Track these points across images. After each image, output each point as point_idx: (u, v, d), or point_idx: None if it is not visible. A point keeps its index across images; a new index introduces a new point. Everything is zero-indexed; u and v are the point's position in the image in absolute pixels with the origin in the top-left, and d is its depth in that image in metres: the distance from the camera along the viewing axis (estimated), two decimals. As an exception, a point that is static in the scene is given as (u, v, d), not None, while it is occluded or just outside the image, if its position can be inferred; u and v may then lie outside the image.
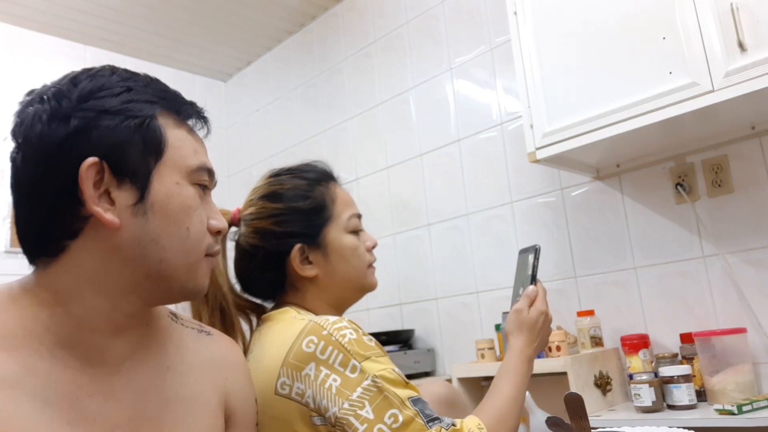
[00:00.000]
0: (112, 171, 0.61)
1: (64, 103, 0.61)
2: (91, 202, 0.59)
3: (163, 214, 0.63)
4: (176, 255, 0.64)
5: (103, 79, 0.64)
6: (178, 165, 0.65)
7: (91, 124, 0.60)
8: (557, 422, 0.95)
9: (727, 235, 1.66)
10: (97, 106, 0.61)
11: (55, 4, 2.79)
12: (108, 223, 0.60)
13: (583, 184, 1.96)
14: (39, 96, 0.64)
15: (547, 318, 1.01)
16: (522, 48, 1.72)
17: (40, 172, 0.60)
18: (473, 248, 2.24)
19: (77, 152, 0.59)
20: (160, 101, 0.66)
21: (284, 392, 0.82)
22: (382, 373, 0.81)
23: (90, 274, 0.61)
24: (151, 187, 0.62)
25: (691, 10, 1.40)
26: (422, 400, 0.82)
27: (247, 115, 3.47)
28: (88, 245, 0.61)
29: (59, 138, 0.59)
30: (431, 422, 0.79)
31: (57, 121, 0.60)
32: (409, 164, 2.51)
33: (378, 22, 2.72)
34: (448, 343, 2.29)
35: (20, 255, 0.64)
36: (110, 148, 0.60)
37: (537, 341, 0.98)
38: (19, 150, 0.62)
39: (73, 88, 0.62)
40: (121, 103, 0.62)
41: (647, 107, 1.45)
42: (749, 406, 1.36)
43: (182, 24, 3.05)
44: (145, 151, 0.63)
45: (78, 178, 0.59)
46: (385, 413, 0.78)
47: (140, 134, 0.62)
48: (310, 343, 0.82)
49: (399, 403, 0.79)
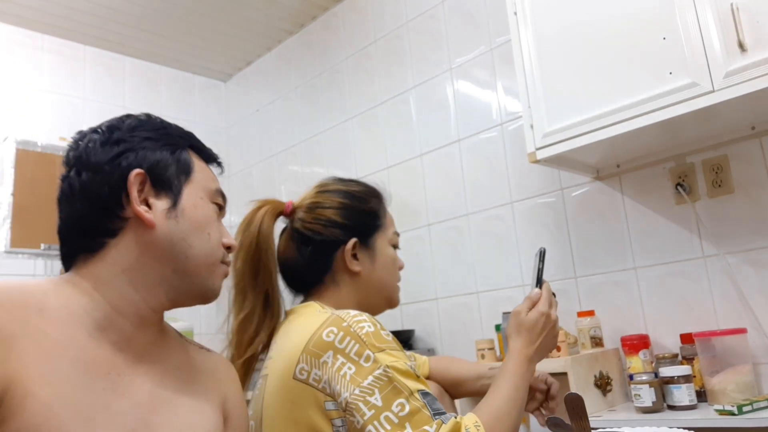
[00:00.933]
0: (152, 183, 0.75)
1: (116, 133, 0.77)
2: (135, 203, 0.73)
3: (191, 219, 0.77)
4: (200, 253, 0.77)
5: (145, 119, 0.81)
6: (202, 185, 0.80)
7: (137, 146, 0.76)
8: (557, 422, 0.95)
9: (727, 235, 1.66)
10: (142, 135, 0.77)
11: (55, 4, 2.79)
12: (147, 221, 0.73)
13: (583, 184, 1.96)
14: (92, 130, 0.79)
15: (550, 319, 1.00)
16: (522, 48, 1.72)
17: (94, 180, 0.73)
18: (473, 248, 2.24)
19: (126, 165, 0.74)
20: (189, 140, 0.83)
21: (302, 377, 0.86)
22: (394, 364, 0.84)
23: (126, 266, 0.73)
24: (182, 198, 0.77)
25: (691, 10, 1.40)
26: (431, 394, 0.85)
27: (247, 115, 3.47)
28: (126, 243, 0.73)
29: (111, 155, 0.74)
30: (436, 416, 0.81)
31: (109, 145, 0.75)
32: (409, 164, 2.51)
33: (378, 22, 2.72)
34: (448, 343, 2.29)
35: (20, 255, 0.68)
36: (152, 164, 0.75)
37: (538, 342, 0.98)
38: (74, 167, 0.75)
39: (122, 123, 0.79)
40: (160, 135, 0.79)
41: (647, 107, 1.45)
42: (749, 407, 1.36)
43: (182, 24, 3.05)
44: (178, 170, 0.78)
45: (125, 185, 0.73)
46: (393, 402, 0.81)
47: (174, 158, 0.78)
48: (330, 333, 0.87)
49: (408, 393, 0.82)
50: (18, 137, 2.83)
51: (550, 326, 1.00)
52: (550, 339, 1.00)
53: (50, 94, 2.98)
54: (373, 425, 0.79)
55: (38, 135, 2.89)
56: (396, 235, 1.14)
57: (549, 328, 1.00)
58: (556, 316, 1.01)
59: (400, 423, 0.79)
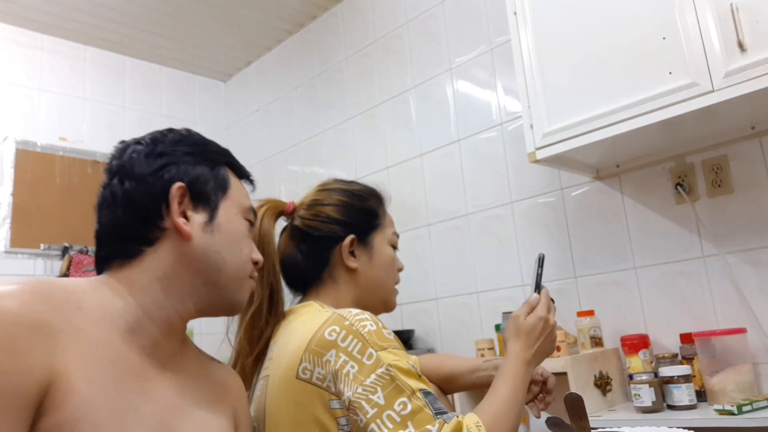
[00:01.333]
0: (191, 197, 0.78)
1: (159, 146, 0.80)
2: (175, 215, 0.76)
3: (225, 233, 0.80)
4: (231, 267, 0.80)
5: (187, 134, 0.84)
6: (237, 202, 0.84)
7: (179, 160, 0.79)
8: (557, 422, 0.95)
9: (727, 235, 1.66)
10: (184, 149, 0.81)
11: (55, 4, 2.79)
12: (185, 233, 0.76)
13: (583, 184, 1.96)
14: (135, 141, 0.82)
15: (548, 324, 1.01)
16: (522, 48, 1.72)
17: (137, 190, 0.76)
18: (473, 248, 2.24)
19: (168, 177, 0.77)
20: (227, 158, 0.86)
21: (305, 377, 0.87)
22: (396, 363, 0.85)
23: (160, 274, 0.75)
24: (218, 213, 0.80)
25: (691, 10, 1.40)
26: (432, 394, 0.85)
27: (247, 115, 3.47)
28: (162, 252, 0.76)
29: (155, 167, 0.77)
30: (438, 415, 0.81)
31: (153, 157, 0.78)
32: (409, 164, 2.51)
33: (378, 22, 2.72)
34: (448, 343, 2.29)
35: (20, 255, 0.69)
36: (192, 179, 0.79)
37: (536, 345, 0.99)
38: (117, 175, 0.78)
39: (165, 137, 0.82)
40: (200, 151, 0.82)
41: (647, 107, 1.45)
42: (749, 406, 1.36)
43: (182, 24, 3.05)
44: (216, 186, 0.81)
45: (167, 196, 0.76)
46: (395, 401, 0.81)
47: (213, 174, 0.82)
48: (332, 332, 0.87)
49: (410, 392, 0.82)
50: (18, 137, 2.83)
51: (548, 330, 1.01)
52: (548, 343, 1.01)
53: (50, 94, 2.98)
54: (376, 423, 0.79)
55: (38, 135, 2.89)
56: (395, 235, 1.15)
57: (547, 332, 1.01)
58: (554, 321, 1.02)
59: (402, 422, 0.79)
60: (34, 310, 0.62)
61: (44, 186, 2.85)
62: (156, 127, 0.87)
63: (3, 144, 2.79)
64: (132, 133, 0.91)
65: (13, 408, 0.58)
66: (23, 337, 0.60)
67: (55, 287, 0.67)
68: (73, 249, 2.83)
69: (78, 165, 2.97)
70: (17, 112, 2.86)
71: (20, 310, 0.61)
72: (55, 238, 2.81)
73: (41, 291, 0.65)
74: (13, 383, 0.58)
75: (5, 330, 0.59)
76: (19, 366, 0.59)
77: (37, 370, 0.60)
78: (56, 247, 2.81)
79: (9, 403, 0.58)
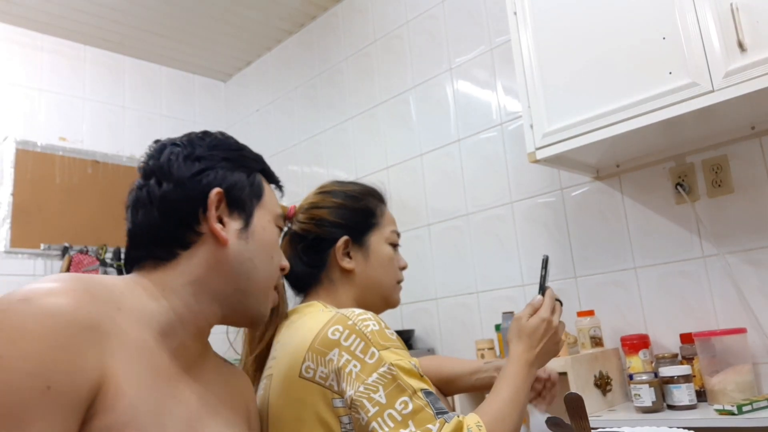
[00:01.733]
0: (227, 203, 0.79)
1: (197, 150, 0.80)
2: (212, 220, 0.76)
3: (259, 241, 0.81)
4: (262, 275, 0.81)
5: (224, 139, 0.85)
6: (270, 209, 0.85)
7: (217, 165, 0.80)
8: (557, 422, 0.95)
9: (727, 235, 1.66)
10: (221, 154, 0.81)
11: (55, 4, 2.79)
12: (221, 239, 0.77)
13: (583, 184, 1.96)
14: (171, 142, 0.81)
15: (551, 326, 1.01)
16: (522, 48, 1.72)
17: (174, 192, 0.76)
18: (473, 248, 2.24)
19: (206, 182, 0.78)
20: (261, 164, 0.87)
21: (308, 375, 0.87)
22: (398, 363, 0.85)
23: (193, 279, 0.76)
24: (253, 220, 0.81)
25: (691, 10, 1.40)
26: (433, 393, 0.85)
27: (247, 115, 3.47)
28: (197, 256, 0.76)
29: (193, 171, 0.78)
30: (439, 414, 0.82)
31: (191, 160, 0.79)
32: (409, 164, 2.51)
33: (378, 22, 2.72)
34: (448, 343, 2.29)
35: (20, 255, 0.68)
36: (230, 185, 0.79)
37: (539, 347, 0.99)
38: (154, 176, 0.78)
39: (202, 141, 0.82)
40: (237, 157, 0.83)
41: (647, 107, 1.45)
42: (749, 406, 1.36)
43: (182, 24, 3.05)
44: (251, 193, 0.82)
45: (204, 201, 0.76)
46: (396, 400, 0.81)
47: (249, 181, 0.83)
48: (335, 331, 0.87)
49: (411, 392, 0.83)
50: (18, 137, 2.83)
51: (551, 332, 1.01)
52: (552, 345, 1.01)
53: (50, 94, 2.98)
54: (377, 422, 0.80)
55: (38, 135, 2.89)
56: (395, 234, 1.15)
57: (550, 334, 1.00)
58: (558, 323, 1.02)
59: (403, 421, 0.80)
60: (88, 311, 0.62)
61: (44, 186, 2.85)
62: (156, 127, 0.88)
63: (3, 144, 2.79)
64: (132, 133, 0.91)
65: (68, 408, 0.58)
66: (78, 337, 0.60)
67: (99, 286, 0.67)
68: (73, 249, 2.83)
69: (78, 165, 2.97)
70: (17, 112, 2.86)
71: (76, 310, 0.61)
72: (55, 238, 2.81)
73: (90, 290, 0.65)
74: (69, 383, 0.58)
75: (63, 329, 0.59)
76: (74, 366, 0.59)
77: (90, 371, 0.60)
78: (56, 247, 2.81)
79: (64, 402, 0.57)
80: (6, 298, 0.60)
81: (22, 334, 0.57)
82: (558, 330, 1.02)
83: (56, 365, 0.57)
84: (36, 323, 0.58)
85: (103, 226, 2.96)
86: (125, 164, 3.12)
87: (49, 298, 0.60)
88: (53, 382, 0.57)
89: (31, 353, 0.57)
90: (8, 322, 0.58)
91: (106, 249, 2.92)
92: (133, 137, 3.18)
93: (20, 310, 0.58)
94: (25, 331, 0.57)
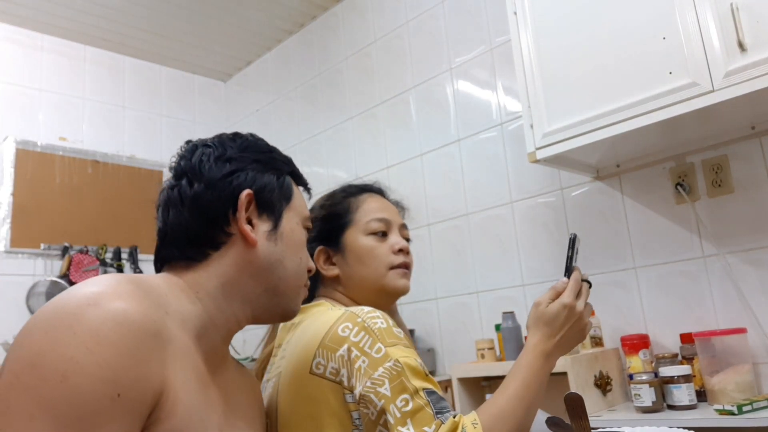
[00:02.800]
0: (257, 204, 0.80)
1: (228, 151, 0.81)
2: (242, 222, 0.77)
3: (288, 242, 0.82)
4: (291, 275, 0.82)
5: (254, 140, 0.86)
6: (298, 211, 0.86)
7: (247, 166, 0.80)
8: (557, 422, 0.95)
9: (727, 235, 1.66)
10: (252, 156, 0.82)
11: (55, 4, 2.79)
12: (251, 239, 0.77)
13: (583, 184, 1.96)
14: (203, 143, 0.83)
15: (573, 312, 0.92)
16: (522, 48, 1.72)
17: (206, 193, 0.77)
18: (473, 248, 2.24)
19: (237, 184, 0.78)
20: (290, 167, 0.88)
21: (319, 372, 0.87)
22: (405, 360, 0.85)
23: (225, 280, 0.76)
24: (282, 222, 0.82)
25: (691, 10, 1.40)
26: (437, 393, 0.85)
27: (247, 115, 3.47)
28: (227, 257, 0.77)
29: (225, 172, 0.78)
30: (439, 414, 0.81)
31: (222, 161, 0.79)
32: (409, 164, 2.51)
33: (378, 22, 2.72)
34: (448, 343, 2.29)
35: (20, 255, 0.69)
36: (260, 187, 0.80)
37: (559, 336, 0.92)
38: (185, 176, 0.79)
39: (233, 142, 0.83)
40: (267, 159, 0.84)
41: (647, 107, 1.45)
42: (749, 406, 1.36)
43: (182, 24, 3.05)
44: (281, 195, 0.83)
45: (235, 202, 0.77)
46: (399, 395, 0.81)
47: (279, 183, 0.83)
48: (345, 328, 0.88)
49: (413, 390, 0.82)
50: (18, 137, 2.82)
51: (574, 319, 0.93)
52: (575, 332, 0.94)
53: (50, 94, 2.98)
54: (389, 411, 0.80)
55: (38, 135, 2.89)
56: (375, 221, 1.10)
57: (573, 321, 0.93)
58: (582, 308, 0.94)
59: (402, 418, 0.80)
60: (152, 319, 0.63)
61: (44, 186, 2.85)
62: (156, 127, 0.89)
63: (3, 144, 2.79)
64: (132, 133, 0.92)
65: (134, 415, 0.59)
66: (145, 345, 0.61)
67: (149, 288, 0.67)
68: (73, 249, 2.83)
69: (78, 165, 2.97)
70: (17, 112, 2.86)
71: (144, 317, 0.61)
72: (55, 238, 2.81)
73: (147, 295, 0.65)
74: (136, 391, 0.59)
75: (133, 337, 0.60)
76: (141, 374, 0.59)
77: (154, 379, 0.61)
78: (56, 247, 2.81)
79: (132, 409, 0.58)
80: (70, 300, 0.60)
81: (97, 340, 0.57)
82: (583, 315, 0.94)
83: (126, 373, 0.58)
84: (110, 330, 0.58)
85: (103, 226, 2.96)
86: (125, 164, 3.12)
87: (118, 302, 0.60)
88: (123, 389, 0.57)
89: (106, 360, 0.57)
90: (82, 326, 0.58)
91: (106, 249, 2.92)
92: (133, 137, 3.18)
93: (92, 315, 0.59)
94: (99, 337, 0.58)
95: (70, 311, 0.59)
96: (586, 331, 0.96)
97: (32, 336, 0.58)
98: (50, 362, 0.55)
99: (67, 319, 0.58)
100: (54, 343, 0.56)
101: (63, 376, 0.55)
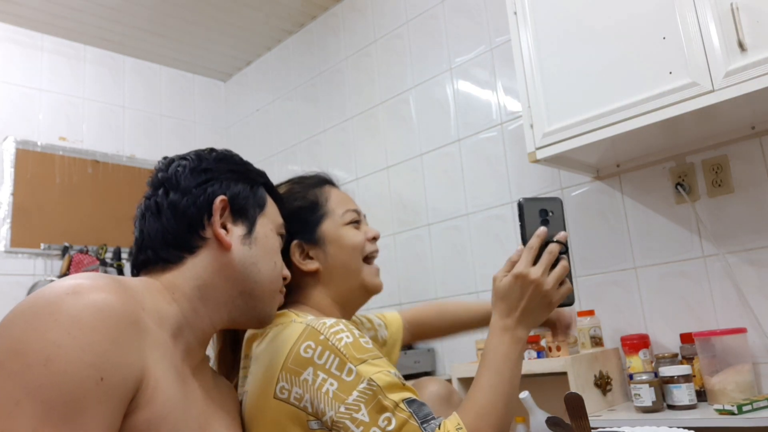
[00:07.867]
0: (231, 210, 0.83)
1: (204, 162, 0.85)
2: (216, 226, 0.80)
3: (262, 247, 0.84)
4: (266, 279, 0.84)
5: (230, 154, 0.89)
6: (272, 219, 0.89)
7: (222, 176, 0.84)
8: (557, 422, 0.95)
9: (727, 235, 1.66)
10: (227, 167, 0.86)
11: (55, 4, 2.79)
12: (225, 243, 0.80)
13: (583, 184, 1.96)
14: (180, 157, 0.86)
15: (527, 280, 0.85)
16: (522, 48, 1.72)
17: (181, 200, 0.80)
18: (473, 248, 2.24)
19: (211, 191, 0.82)
20: (264, 179, 0.92)
21: (283, 396, 0.83)
22: (378, 376, 0.81)
23: (200, 282, 0.78)
24: (256, 227, 0.85)
25: (691, 10, 1.40)
26: (418, 401, 0.81)
27: (247, 115, 3.47)
28: (202, 260, 0.79)
29: (199, 180, 0.82)
30: (425, 423, 0.79)
31: (198, 172, 0.83)
32: (409, 164, 2.51)
33: (378, 22, 2.72)
34: (448, 342, 2.29)
35: (20, 255, 0.70)
36: (234, 194, 0.84)
37: (519, 310, 0.86)
38: (162, 187, 0.82)
39: (209, 155, 0.87)
40: (242, 170, 0.88)
41: (647, 107, 1.45)
42: (749, 406, 1.36)
43: (182, 24, 3.05)
44: (254, 203, 0.86)
45: (210, 208, 0.80)
46: (380, 416, 0.78)
47: (252, 191, 0.87)
48: (308, 348, 0.83)
49: (393, 406, 0.79)
50: (18, 137, 2.82)
51: (531, 288, 0.85)
52: (537, 302, 0.85)
53: (50, 94, 2.98)
54: None
55: (38, 135, 2.89)
56: (350, 212, 1.08)
57: (531, 291, 0.85)
58: (539, 274, 0.85)
59: None
60: (132, 309, 0.65)
61: (44, 186, 2.85)
62: (156, 127, 0.90)
63: (3, 144, 2.79)
64: (132, 133, 0.93)
65: (117, 399, 0.60)
66: (126, 332, 0.62)
67: (127, 287, 0.68)
68: (73, 249, 2.83)
69: (78, 165, 2.97)
70: (17, 112, 2.86)
71: (122, 305, 0.63)
72: (55, 238, 2.81)
73: (125, 291, 0.66)
74: (119, 375, 0.60)
75: (114, 323, 0.61)
76: (123, 359, 0.61)
77: (135, 365, 0.62)
78: (56, 246, 2.81)
79: (115, 394, 0.59)
80: (51, 291, 0.61)
81: (79, 326, 0.58)
82: (542, 282, 0.85)
83: (108, 357, 0.59)
84: (90, 316, 0.59)
85: (103, 226, 2.96)
86: (125, 164, 3.12)
87: (97, 293, 0.62)
88: (106, 373, 0.58)
89: (89, 344, 0.58)
90: (63, 313, 0.59)
91: (106, 249, 2.92)
92: (133, 137, 3.18)
93: (73, 303, 0.60)
94: (81, 323, 0.59)
95: (51, 300, 0.60)
96: (553, 297, 0.86)
97: (14, 325, 0.59)
98: (33, 348, 0.56)
99: (48, 307, 0.59)
100: (36, 329, 0.57)
101: (46, 361, 0.56)
